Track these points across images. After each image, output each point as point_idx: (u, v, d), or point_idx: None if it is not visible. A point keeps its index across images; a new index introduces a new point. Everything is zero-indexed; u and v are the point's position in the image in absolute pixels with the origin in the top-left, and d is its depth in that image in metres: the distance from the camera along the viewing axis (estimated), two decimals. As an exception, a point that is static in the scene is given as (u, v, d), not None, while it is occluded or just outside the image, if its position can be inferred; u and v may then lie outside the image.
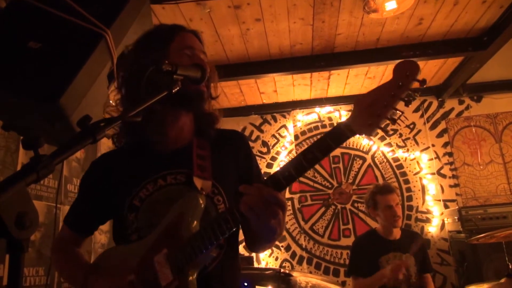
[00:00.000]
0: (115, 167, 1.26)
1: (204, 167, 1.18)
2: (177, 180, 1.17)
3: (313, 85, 4.29)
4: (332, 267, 4.19)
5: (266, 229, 0.97)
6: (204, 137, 1.27)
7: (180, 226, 1.06)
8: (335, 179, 4.43)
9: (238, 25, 3.04)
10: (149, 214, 1.15)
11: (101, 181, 1.25)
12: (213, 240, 1.00)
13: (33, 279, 2.14)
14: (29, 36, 0.97)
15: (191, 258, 1.02)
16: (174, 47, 1.22)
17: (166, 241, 1.06)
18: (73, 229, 1.30)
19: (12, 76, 0.93)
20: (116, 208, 1.19)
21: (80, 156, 2.76)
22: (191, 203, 1.09)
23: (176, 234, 1.06)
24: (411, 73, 0.89)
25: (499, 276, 2.64)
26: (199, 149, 1.23)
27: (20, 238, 0.54)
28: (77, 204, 1.32)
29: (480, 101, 4.47)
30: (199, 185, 1.13)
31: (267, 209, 0.92)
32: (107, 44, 0.98)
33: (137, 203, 1.16)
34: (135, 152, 1.24)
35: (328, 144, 0.94)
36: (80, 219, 1.30)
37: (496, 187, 4.21)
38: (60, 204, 2.48)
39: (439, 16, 3.11)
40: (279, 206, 0.93)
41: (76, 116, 0.89)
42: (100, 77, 0.99)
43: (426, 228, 4.17)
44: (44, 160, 0.57)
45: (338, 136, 0.94)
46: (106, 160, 1.33)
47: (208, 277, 1.09)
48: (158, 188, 1.16)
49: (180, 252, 1.03)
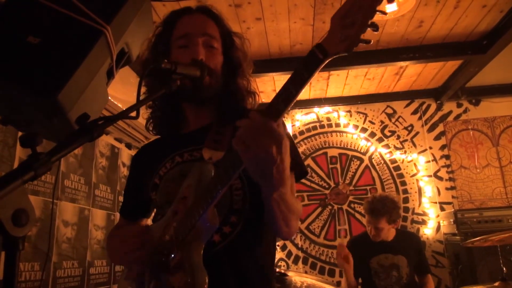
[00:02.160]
0: (150, 152, 1.33)
1: (220, 140, 1.15)
2: (193, 156, 1.17)
3: (312, 85, 4.29)
4: (328, 267, 4.20)
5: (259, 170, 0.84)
6: (226, 116, 1.22)
7: (188, 199, 1.05)
8: (332, 180, 4.44)
9: (239, 23, 3.04)
10: (166, 191, 1.16)
11: (140, 166, 1.33)
12: (203, 205, 0.95)
13: (29, 274, 2.14)
14: (29, 31, 0.96)
15: (190, 227, 0.98)
16: (173, 38, 1.24)
17: (176, 216, 1.06)
18: (127, 217, 1.36)
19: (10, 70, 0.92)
20: (147, 190, 1.23)
21: (78, 152, 2.75)
22: (196, 174, 1.07)
23: (184, 207, 1.04)
24: None
25: (493, 279, 2.65)
26: (219, 126, 1.20)
27: (16, 235, 0.54)
28: (126, 191, 1.39)
29: (478, 105, 4.48)
30: (207, 155, 1.11)
31: (255, 137, 0.79)
32: (107, 40, 0.97)
33: (157, 181, 1.19)
34: (166, 137, 1.31)
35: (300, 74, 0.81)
36: (129, 206, 1.36)
37: (492, 190, 4.23)
38: (57, 199, 2.48)
39: (439, 19, 3.11)
40: (270, 137, 0.79)
41: (74, 112, 0.88)
42: (99, 73, 0.98)
43: (421, 230, 4.18)
44: (42, 158, 0.57)
45: (310, 61, 0.81)
46: (149, 146, 1.40)
47: (218, 255, 1.04)
48: (175, 165, 1.18)
49: (184, 223, 1.00)
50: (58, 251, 2.45)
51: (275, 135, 0.80)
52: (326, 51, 0.80)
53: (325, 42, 0.81)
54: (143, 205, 1.34)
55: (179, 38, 1.22)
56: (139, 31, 1.13)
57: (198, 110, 1.26)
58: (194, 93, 1.17)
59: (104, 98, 1.04)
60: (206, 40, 1.22)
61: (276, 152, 0.81)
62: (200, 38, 1.20)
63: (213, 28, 1.25)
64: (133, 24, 1.06)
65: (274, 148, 0.80)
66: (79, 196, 2.72)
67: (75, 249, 2.63)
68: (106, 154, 3.14)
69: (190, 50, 1.18)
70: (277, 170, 0.84)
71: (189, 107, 1.28)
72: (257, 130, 0.79)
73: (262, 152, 0.80)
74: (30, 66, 0.93)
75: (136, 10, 1.07)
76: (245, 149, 0.80)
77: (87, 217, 2.81)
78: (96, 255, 2.90)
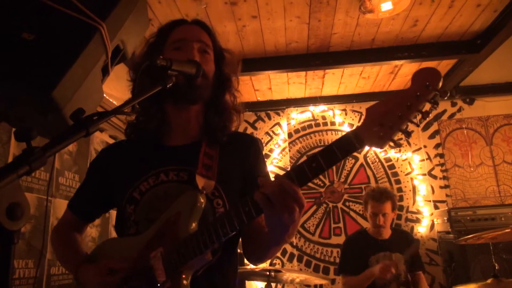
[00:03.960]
0: (123, 156, 1.26)
1: (210, 166, 1.15)
2: (179, 178, 1.15)
3: (308, 84, 4.30)
4: (322, 265, 4.22)
5: (278, 225, 0.89)
6: (215, 137, 1.23)
7: (178, 225, 1.04)
8: (327, 178, 4.45)
9: (234, 21, 3.04)
10: (147, 208, 1.13)
11: (107, 168, 1.26)
12: (208, 244, 0.97)
13: (23, 271, 2.13)
14: (24, 27, 0.96)
15: (185, 259, 0.99)
16: (168, 43, 1.24)
17: (162, 239, 1.04)
18: (76, 214, 1.31)
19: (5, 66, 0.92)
20: (118, 198, 1.19)
21: (72, 149, 2.75)
22: (190, 202, 1.05)
23: (173, 233, 1.04)
24: (431, 83, 0.79)
25: (485, 276, 2.67)
26: (208, 148, 1.19)
27: (11, 229, 0.54)
28: (82, 189, 1.33)
29: (472, 104, 4.51)
30: (201, 183, 1.10)
31: (284, 200, 0.84)
32: (102, 37, 0.97)
33: (137, 195, 1.15)
34: (143, 144, 1.24)
35: (333, 153, 0.85)
36: (83, 204, 1.31)
37: (485, 189, 4.26)
38: (52, 196, 2.47)
39: (434, 18, 3.13)
40: (296, 202, 0.85)
41: (69, 109, 0.88)
42: (94, 70, 0.98)
43: (416, 228, 4.21)
44: (37, 152, 0.57)
45: (345, 146, 0.85)
46: (116, 149, 1.34)
47: (197, 281, 1.06)
48: (159, 183, 1.15)
49: (175, 252, 1.00)
50: (52, 249, 2.44)
51: (301, 201, 0.86)
52: (363, 142, 0.84)
53: (362, 132, 0.84)
54: (101, 208, 1.32)
55: (174, 42, 1.23)
56: (134, 29, 1.13)
57: (181, 118, 1.24)
58: (187, 92, 1.17)
59: (99, 95, 1.04)
60: (201, 47, 1.24)
61: (298, 215, 0.88)
62: (195, 43, 1.22)
63: (207, 38, 1.28)
64: (128, 22, 1.06)
65: (297, 211, 0.86)
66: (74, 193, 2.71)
67: (69, 247, 2.62)
68: (101, 152, 3.13)
69: (185, 52, 1.19)
70: (293, 227, 0.90)
71: (172, 114, 1.24)
72: (286, 194, 0.84)
73: (286, 213, 0.85)
74: (24, 62, 0.92)
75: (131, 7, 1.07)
76: (271, 207, 0.86)
77: (82, 214, 2.80)
78: (91, 253, 2.89)
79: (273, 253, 1.10)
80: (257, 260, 1.20)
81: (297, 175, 0.87)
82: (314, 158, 0.86)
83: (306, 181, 0.87)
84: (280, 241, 0.99)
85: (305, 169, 0.86)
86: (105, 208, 1.32)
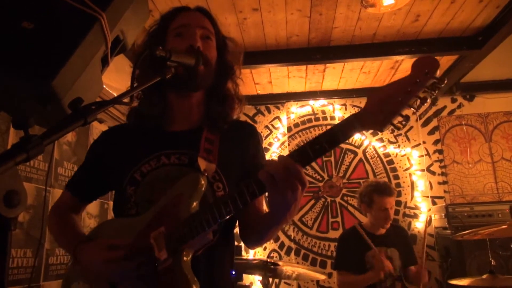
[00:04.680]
0: (123, 139, 1.28)
1: (211, 150, 1.17)
2: (180, 161, 1.17)
3: (308, 78, 4.30)
4: (320, 258, 4.24)
5: (281, 203, 0.92)
6: (216, 123, 1.25)
7: (179, 206, 1.06)
8: (326, 172, 4.46)
9: (235, 14, 3.03)
10: (148, 189, 1.15)
11: (107, 150, 1.28)
12: (211, 223, 0.99)
13: (21, 260, 2.14)
14: (23, 16, 0.96)
15: (187, 238, 1.01)
16: (170, 29, 1.25)
17: (164, 219, 1.06)
18: (74, 194, 1.32)
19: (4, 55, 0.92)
20: (117, 179, 1.20)
21: (72, 140, 2.75)
22: (192, 184, 1.07)
23: (174, 213, 1.05)
24: (430, 70, 0.85)
25: (481, 272, 2.69)
26: (209, 134, 1.22)
27: (7, 216, 0.54)
28: (81, 170, 1.35)
29: (472, 100, 4.51)
30: (202, 166, 1.12)
31: (288, 179, 0.87)
32: (102, 27, 0.97)
33: (138, 177, 1.17)
34: (144, 128, 1.25)
35: (335, 135, 0.90)
36: (82, 184, 1.32)
37: (483, 185, 4.27)
38: (50, 187, 2.48)
39: (436, 14, 3.12)
40: (299, 181, 0.88)
41: (68, 99, 0.88)
42: (94, 60, 0.98)
43: (413, 224, 4.22)
44: (34, 140, 0.57)
45: (347, 128, 0.89)
46: (116, 132, 1.36)
47: (197, 260, 1.08)
48: (160, 165, 1.17)
49: (177, 231, 1.02)
50: (50, 238, 2.46)
51: (304, 180, 0.89)
52: (363, 125, 0.89)
53: (364, 116, 0.89)
54: (100, 189, 1.34)
55: (176, 28, 1.23)
56: (134, 19, 1.12)
57: (183, 106, 1.26)
58: (187, 82, 1.18)
59: (99, 85, 1.04)
60: (204, 33, 1.24)
61: (301, 193, 0.90)
62: (198, 29, 1.22)
63: (209, 25, 1.28)
64: (128, 12, 1.06)
65: (299, 190, 0.89)
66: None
67: (68, 237, 2.63)
68: (100, 143, 3.14)
69: (187, 38, 1.20)
70: (294, 207, 0.93)
71: (175, 101, 1.26)
72: (289, 173, 0.87)
73: (289, 191, 0.88)
74: (24, 51, 0.92)
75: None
76: (275, 185, 0.88)
77: (81, 205, 2.81)
78: (89, 243, 2.90)
79: (273, 233, 1.13)
80: (256, 242, 1.23)
81: (300, 156, 0.90)
82: (317, 140, 0.90)
83: (308, 161, 0.90)
84: (282, 220, 1.01)
85: (308, 150, 0.90)
86: (103, 190, 1.34)
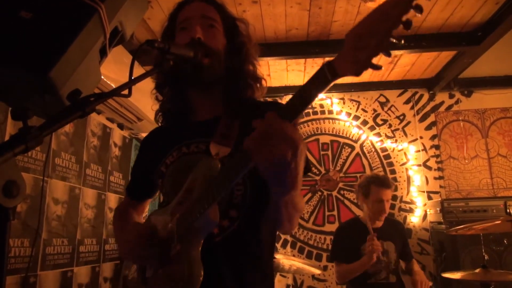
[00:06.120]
0: (157, 138, 1.36)
1: (228, 135, 1.16)
2: (198, 149, 1.19)
3: (307, 71, 4.29)
4: (315, 251, 4.27)
5: (269, 169, 0.80)
6: (234, 108, 1.22)
7: (193, 192, 1.07)
8: (323, 166, 4.48)
9: (235, 6, 3.01)
10: (171, 180, 1.20)
11: (149, 149, 1.37)
12: (205, 203, 0.96)
13: (18, 250, 2.15)
14: (21, 5, 0.95)
15: (191, 222, 1.01)
16: (177, 24, 1.27)
17: (181, 207, 1.09)
18: (132, 197, 1.41)
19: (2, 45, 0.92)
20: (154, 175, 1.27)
21: (69, 130, 2.75)
22: (202, 169, 1.09)
23: (189, 200, 1.07)
24: None
25: (475, 266, 2.73)
26: (228, 119, 1.20)
27: (7, 206, 0.55)
28: (132, 173, 1.45)
29: (470, 96, 4.52)
30: (214, 150, 1.13)
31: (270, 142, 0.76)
32: (100, 18, 0.97)
33: (164, 169, 1.22)
34: (174, 124, 1.32)
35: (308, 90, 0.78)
36: (134, 187, 1.42)
37: (479, 181, 4.30)
38: (48, 177, 2.48)
39: (435, 9, 3.11)
40: (286, 142, 0.76)
41: (66, 90, 0.88)
42: (92, 51, 0.98)
43: (408, 218, 4.25)
44: (33, 131, 0.57)
45: (317, 79, 0.77)
46: (153, 133, 1.43)
47: (214, 248, 1.07)
48: (181, 155, 1.20)
49: (186, 217, 1.03)
50: (48, 228, 2.47)
51: (292, 140, 0.77)
52: (335, 72, 0.76)
53: (336, 62, 0.76)
54: (149, 188, 1.40)
55: (181, 23, 1.25)
56: (133, 10, 1.12)
57: (204, 98, 1.28)
58: (194, 76, 1.18)
59: (97, 76, 1.04)
60: (205, 21, 1.23)
61: (292, 157, 0.78)
62: (198, 19, 1.22)
63: (213, 12, 1.27)
64: (127, 3, 1.06)
65: (289, 153, 0.77)
66: (70, 174, 2.72)
67: (65, 227, 2.65)
68: (97, 134, 3.14)
69: (189, 31, 1.21)
70: (290, 175, 0.82)
71: (195, 95, 1.29)
72: (274, 133, 0.76)
73: (276, 157, 0.77)
74: (22, 42, 0.92)
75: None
76: (259, 151, 0.78)
77: (78, 195, 2.82)
78: (86, 234, 2.92)
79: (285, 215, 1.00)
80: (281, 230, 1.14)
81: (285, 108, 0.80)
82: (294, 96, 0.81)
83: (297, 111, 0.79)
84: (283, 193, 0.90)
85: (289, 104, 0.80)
86: (153, 186, 1.39)
